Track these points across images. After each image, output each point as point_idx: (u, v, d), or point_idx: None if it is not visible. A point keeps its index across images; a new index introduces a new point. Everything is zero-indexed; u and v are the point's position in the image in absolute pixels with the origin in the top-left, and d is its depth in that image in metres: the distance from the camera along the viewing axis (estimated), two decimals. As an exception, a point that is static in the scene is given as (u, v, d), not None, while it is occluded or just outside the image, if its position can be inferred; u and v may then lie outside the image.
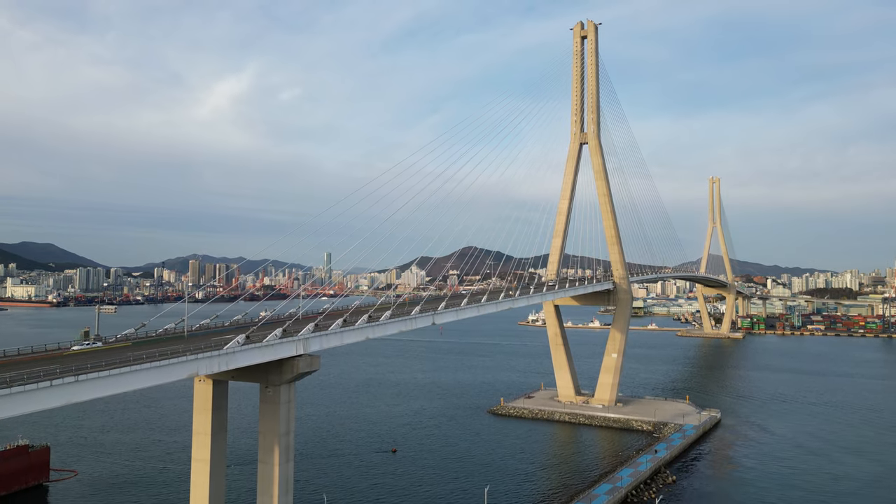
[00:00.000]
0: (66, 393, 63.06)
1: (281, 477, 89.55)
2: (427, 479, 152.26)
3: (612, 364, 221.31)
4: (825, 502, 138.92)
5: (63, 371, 63.53)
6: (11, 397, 58.62)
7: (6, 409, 58.53)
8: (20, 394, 59.28)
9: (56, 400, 62.48)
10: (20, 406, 59.77)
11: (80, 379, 64.29)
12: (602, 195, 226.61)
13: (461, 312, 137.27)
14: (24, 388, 59.36)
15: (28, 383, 59.96)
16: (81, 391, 64.51)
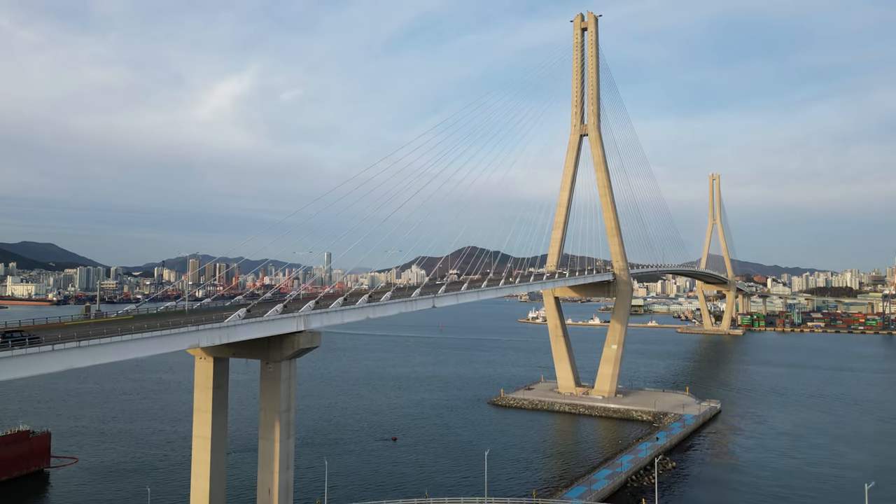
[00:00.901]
0: (67, 358, 63.18)
1: (282, 453, 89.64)
2: (427, 465, 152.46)
3: (612, 355, 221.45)
4: (824, 490, 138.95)
5: (65, 337, 63.67)
6: (13, 360, 58.77)
7: (7, 371, 58.68)
8: (21, 357, 59.43)
9: (57, 364, 62.61)
10: (21, 369, 59.91)
11: (82, 345, 64.43)
12: (602, 187, 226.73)
13: (461, 297, 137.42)
14: (25, 351, 59.51)
15: (29, 346, 60.10)
16: (83, 357, 64.62)
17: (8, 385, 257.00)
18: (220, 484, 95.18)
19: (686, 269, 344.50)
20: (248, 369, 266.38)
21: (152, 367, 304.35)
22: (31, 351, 59.93)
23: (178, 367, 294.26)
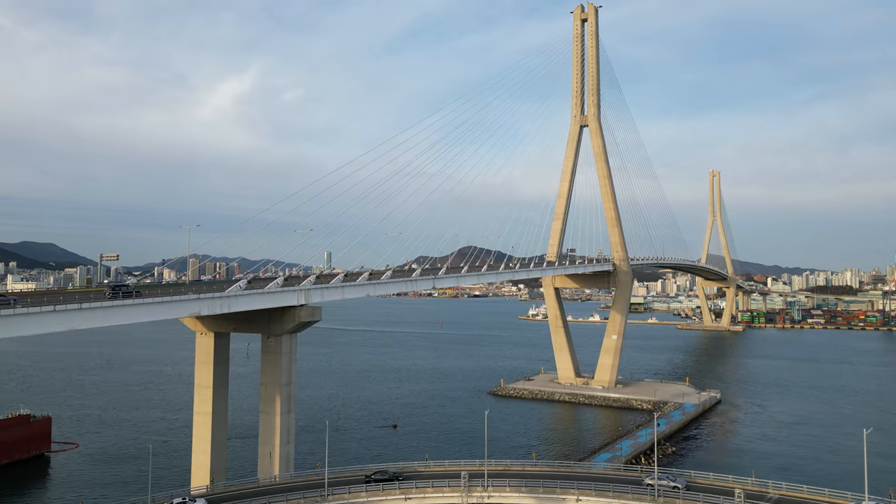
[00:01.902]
0: (68, 319, 63.31)
1: (282, 427, 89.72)
2: (427, 451, 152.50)
3: (612, 345, 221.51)
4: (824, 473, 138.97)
5: (67, 299, 63.83)
6: (15, 318, 58.87)
7: (8, 329, 58.76)
8: (23, 315, 59.53)
9: (58, 325, 62.74)
10: (22, 327, 60.03)
11: (84, 307, 64.56)
12: (602, 177, 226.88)
13: (462, 280, 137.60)
14: (27, 310, 59.63)
15: (31, 306, 60.25)
16: (84, 319, 64.73)
17: (9, 375, 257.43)
18: (221, 460, 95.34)
19: (686, 264, 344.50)
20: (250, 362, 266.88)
21: (153, 360, 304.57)
22: (32, 310, 60.06)
23: (179, 360, 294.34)
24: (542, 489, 62.74)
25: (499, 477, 65.32)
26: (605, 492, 61.94)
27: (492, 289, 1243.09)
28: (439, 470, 67.13)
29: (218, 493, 67.59)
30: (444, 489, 65.37)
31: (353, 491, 66.26)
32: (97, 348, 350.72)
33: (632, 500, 59.86)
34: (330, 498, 63.84)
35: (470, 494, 62.69)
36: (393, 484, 62.48)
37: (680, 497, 58.90)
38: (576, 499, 60.58)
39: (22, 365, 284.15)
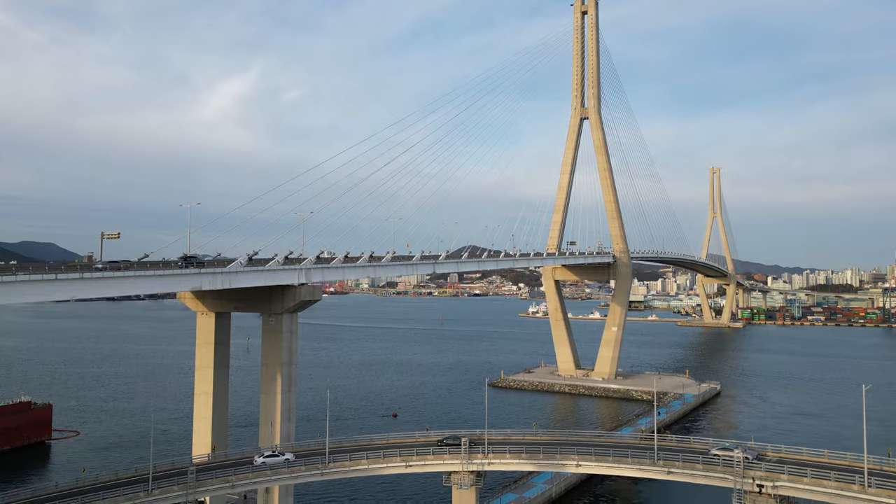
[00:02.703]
0: (70, 288, 63.43)
1: (283, 405, 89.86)
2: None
3: (612, 337, 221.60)
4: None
5: (68, 268, 63.97)
6: (16, 285, 59.03)
7: (10, 296, 58.92)
8: (25, 283, 59.69)
9: (59, 293, 62.86)
10: (24, 295, 60.19)
11: (85, 276, 64.70)
12: (602, 170, 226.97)
13: (462, 265, 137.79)
14: (29, 277, 59.80)
15: (33, 274, 60.41)
16: (85, 288, 64.86)
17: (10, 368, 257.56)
18: (222, 440, 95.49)
19: (686, 258, 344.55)
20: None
21: (154, 354, 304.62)
22: (34, 278, 60.23)
23: (181, 355, 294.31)
24: (542, 455, 62.93)
25: (499, 444, 65.48)
26: (604, 456, 62.12)
27: (492, 288, 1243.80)
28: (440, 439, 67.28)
29: (218, 462, 67.79)
30: (444, 456, 65.56)
31: (354, 458, 66.52)
32: (98, 344, 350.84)
33: (631, 465, 59.96)
34: (331, 465, 64.02)
35: (470, 461, 62.84)
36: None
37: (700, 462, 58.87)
38: (576, 464, 60.70)
39: (23, 359, 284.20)
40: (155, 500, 56.09)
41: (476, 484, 63.57)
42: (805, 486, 51.44)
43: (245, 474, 61.49)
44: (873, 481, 51.29)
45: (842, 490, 51.35)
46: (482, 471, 63.95)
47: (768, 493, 51.98)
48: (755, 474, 52.60)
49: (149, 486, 58.69)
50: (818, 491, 51.47)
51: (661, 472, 57.97)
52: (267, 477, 61.51)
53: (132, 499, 55.80)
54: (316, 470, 63.08)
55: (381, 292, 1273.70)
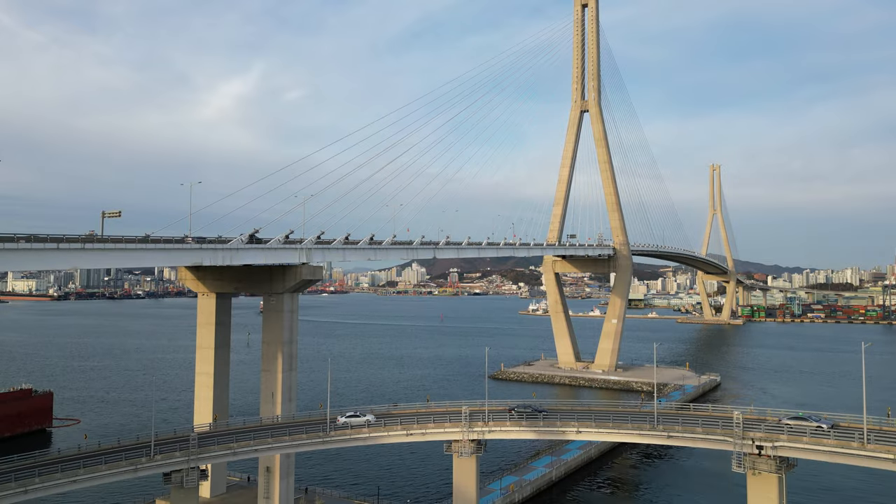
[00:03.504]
0: (71, 257, 63.66)
1: (284, 384, 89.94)
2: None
3: (612, 329, 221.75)
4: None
5: (70, 240, 64.14)
6: (18, 252, 59.21)
7: (13, 263, 59.11)
8: (26, 251, 59.87)
9: (61, 262, 63.06)
10: (25, 262, 60.39)
11: (87, 247, 64.91)
12: (602, 162, 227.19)
13: (462, 251, 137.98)
14: (30, 245, 60.00)
15: (35, 242, 60.59)
16: (87, 258, 65.09)
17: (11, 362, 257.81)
18: (223, 420, 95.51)
19: (687, 254, 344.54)
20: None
21: (155, 349, 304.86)
22: (36, 246, 60.44)
23: (182, 349, 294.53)
24: (543, 422, 63.09)
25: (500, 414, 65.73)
26: (605, 422, 62.29)
27: (492, 287, 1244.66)
28: (441, 410, 67.50)
29: (220, 431, 67.96)
30: (445, 424, 65.74)
31: (355, 426, 66.68)
32: (98, 339, 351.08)
33: (632, 430, 60.11)
34: (332, 434, 64.21)
35: (471, 429, 63.01)
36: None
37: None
38: (576, 430, 60.79)
39: (24, 353, 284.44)
40: (156, 465, 56.28)
41: (476, 452, 63.80)
42: (805, 446, 51.55)
43: (246, 441, 61.67)
44: (873, 437, 51.45)
45: (841, 447, 51.54)
46: (482, 439, 64.14)
47: (767, 455, 52.14)
48: (754, 435, 52.76)
49: (150, 451, 58.92)
50: (818, 449, 51.62)
51: (661, 437, 58.11)
52: (268, 444, 61.68)
53: (134, 463, 56.03)
54: (317, 438, 63.26)
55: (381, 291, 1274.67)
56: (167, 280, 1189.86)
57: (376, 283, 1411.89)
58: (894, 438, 50.40)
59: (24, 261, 60.38)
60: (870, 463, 50.91)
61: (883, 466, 50.14)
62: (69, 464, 56.91)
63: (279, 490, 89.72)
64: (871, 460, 50.57)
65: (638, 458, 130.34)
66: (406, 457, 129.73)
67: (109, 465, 56.65)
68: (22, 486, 51.42)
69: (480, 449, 64.10)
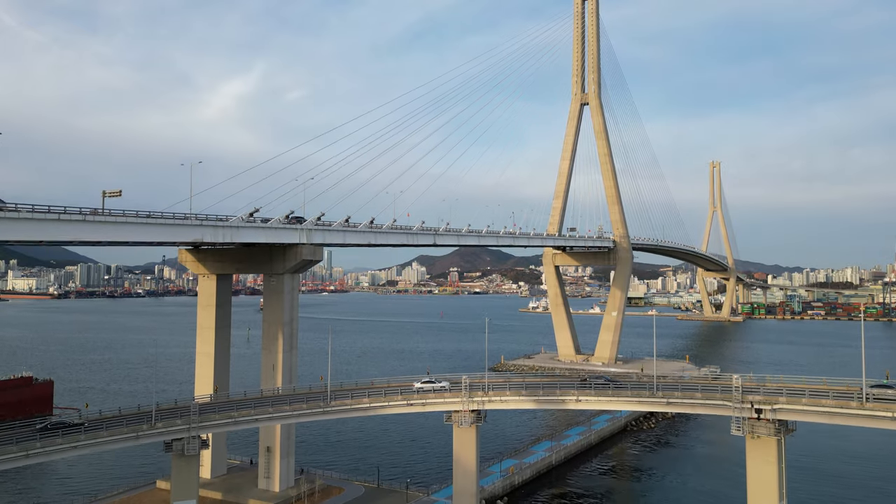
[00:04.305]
0: (73, 230, 63.81)
1: (285, 364, 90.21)
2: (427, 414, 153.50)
3: (612, 322, 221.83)
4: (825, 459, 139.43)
5: (70, 211, 64.32)
6: (18, 222, 59.37)
7: (12, 232, 59.23)
8: (27, 220, 60.05)
9: (62, 233, 63.16)
10: (25, 232, 60.46)
11: (88, 219, 65.10)
12: (602, 155, 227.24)
13: (462, 238, 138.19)
14: (31, 215, 60.19)
15: (36, 212, 60.79)
16: (88, 231, 65.20)
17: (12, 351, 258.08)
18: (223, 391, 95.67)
19: (687, 249, 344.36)
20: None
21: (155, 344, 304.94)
22: (37, 216, 60.63)
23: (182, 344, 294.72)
24: (542, 391, 63.28)
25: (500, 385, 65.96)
26: (604, 390, 62.52)
27: (492, 287, 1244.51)
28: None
29: (220, 402, 68.15)
30: (445, 395, 65.94)
31: (356, 397, 66.88)
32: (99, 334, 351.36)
33: (631, 397, 60.26)
34: (333, 403, 64.36)
35: (471, 400, 63.19)
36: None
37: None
38: (575, 399, 60.96)
39: (25, 347, 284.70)
40: (157, 432, 56.46)
41: (476, 422, 63.99)
42: (804, 407, 51.68)
43: (247, 410, 61.91)
44: (871, 396, 51.62)
45: (840, 408, 51.65)
46: (482, 409, 64.32)
47: (766, 419, 52.28)
48: (753, 399, 52.86)
49: (152, 418, 59.12)
50: (817, 410, 51.74)
51: (661, 404, 58.22)
52: (269, 413, 61.87)
53: (135, 430, 56.22)
54: (318, 408, 63.39)
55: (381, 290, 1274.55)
56: (167, 279, 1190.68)
57: (376, 282, 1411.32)
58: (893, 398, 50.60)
59: (25, 231, 60.46)
60: (869, 422, 51.08)
61: (882, 425, 50.30)
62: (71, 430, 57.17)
63: (279, 470, 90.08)
64: (871, 419, 50.72)
65: (637, 444, 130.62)
66: (406, 444, 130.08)
67: (111, 430, 56.87)
68: (23, 449, 51.61)
69: (480, 419, 64.31)
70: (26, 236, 60.87)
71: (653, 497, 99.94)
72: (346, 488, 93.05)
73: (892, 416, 49.28)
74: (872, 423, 51.12)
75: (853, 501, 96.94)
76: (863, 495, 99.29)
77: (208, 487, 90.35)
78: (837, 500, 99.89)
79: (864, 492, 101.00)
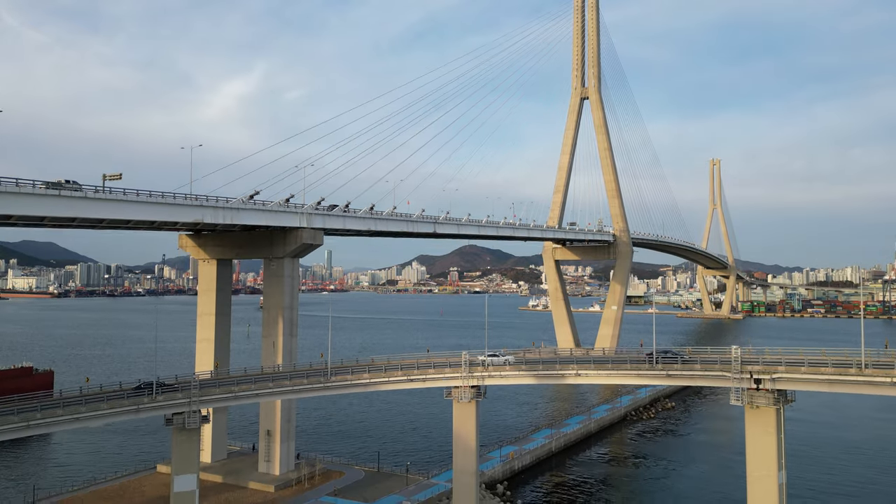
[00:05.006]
0: (72, 206, 63.83)
1: (285, 348, 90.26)
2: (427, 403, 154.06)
3: (612, 316, 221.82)
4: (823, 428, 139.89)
5: (72, 187, 64.40)
6: (19, 197, 59.44)
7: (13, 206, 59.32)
8: (28, 195, 60.13)
9: (62, 209, 63.16)
10: (26, 207, 60.54)
11: (89, 196, 65.18)
12: (602, 149, 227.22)
13: (462, 227, 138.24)
14: (32, 189, 60.28)
15: (37, 188, 60.88)
16: (86, 208, 65.21)
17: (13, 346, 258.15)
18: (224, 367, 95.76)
19: (687, 245, 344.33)
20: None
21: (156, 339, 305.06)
22: (37, 191, 60.72)
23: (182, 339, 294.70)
24: (542, 366, 63.40)
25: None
26: (604, 364, 62.59)
27: (492, 286, 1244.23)
28: (441, 360, 67.89)
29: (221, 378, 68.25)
30: (445, 370, 66.08)
31: (356, 372, 66.98)
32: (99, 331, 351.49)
33: (630, 370, 60.41)
34: (333, 379, 64.47)
35: (471, 375, 63.31)
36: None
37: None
38: (575, 373, 61.08)
39: (26, 342, 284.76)
40: (158, 405, 56.52)
41: (476, 398, 64.11)
42: (803, 376, 51.76)
43: (247, 385, 61.95)
44: (870, 363, 51.69)
45: (839, 375, 51.73)
46: (482, 385, 64.44)
47: (766, 388, 52.37)
48: (752, 368, 52.99)
49: (153, 392, 59.19)
50: (816, 378, 51.78)
51: (661, 376, 58.31)
52: (269, 389, 61.94)
53: (136, 403, 56.33)
54: (318, 384, 63.50)
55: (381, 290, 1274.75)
56: (167, 279, 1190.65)
57: (376, 281, 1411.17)
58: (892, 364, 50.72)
59: (25, 206, 60.51)
60: (868, 389, 51.16)
61: (881, 392, 50.37)
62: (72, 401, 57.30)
63: (279, 453, 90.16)
64: (870, 386, 50.78)
65: (636, 433, 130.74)
66: (407, 433, 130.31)
67: (111, 402, 56.96)
68: (24, 419, 51.67)
69: (480, 395, 64.43)
70: (27, 211, 60.88)
71: (651, 483, 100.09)
72: (347, 472, 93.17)
73: (891, 381, 49.39)
74: (872, 389, 51.24)
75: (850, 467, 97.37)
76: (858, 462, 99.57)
77: (209, 471, 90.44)
78: (836, 470, 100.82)
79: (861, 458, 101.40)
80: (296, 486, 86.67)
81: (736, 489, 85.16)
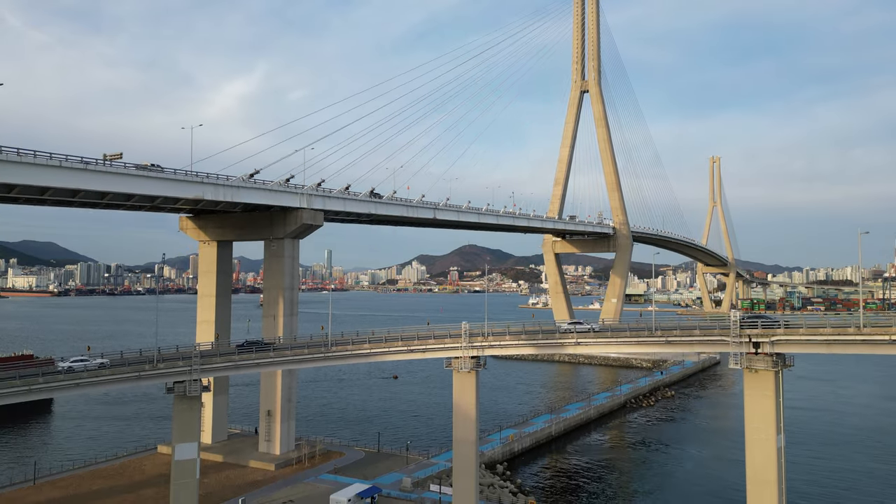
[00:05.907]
0: (73, 177, 64.06)
1: (286, 329, 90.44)
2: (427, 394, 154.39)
3: (611, 308, 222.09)
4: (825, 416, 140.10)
5: (72, 159, 64.60)
6: (21, 166, 59.67)
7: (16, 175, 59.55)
8: (30, 165, 60.34)
9: (63, 180, 63.40)
10: (28, 177, 60.78)
11: (89, 168, 65.39)
12: (602, 141, 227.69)
13: (462, 215, 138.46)
14: (34, 159, 60.49)
15: (39, 157, 61.09)
16: (89, 180, 65.47)
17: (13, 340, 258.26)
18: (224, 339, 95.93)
19: (687, 241, 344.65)
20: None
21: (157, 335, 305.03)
22: (39, 160, 60.94)
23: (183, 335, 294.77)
24: (542, 335, 63.64)
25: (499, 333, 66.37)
26: (603, 333, 62.78)
27: (492, 286, 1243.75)
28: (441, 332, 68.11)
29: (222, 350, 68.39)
30: (445, 340, 66.30)
31: (357, 343, 67.26)
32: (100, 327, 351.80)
33: (630, 338, 60.57)
34: (334, 349, 64.71)
35: (471, 346, 63.53)
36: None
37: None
38: (575, 342, 61.30)
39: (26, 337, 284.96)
40: (159, 373, 56.71)
41: (476, 368, 64.33)
42: (801, 337, 51.93)
43: (248, 354, 62.18)
44: (869, 322, 51.90)
45: (838, 335, 51.95)
46: (482, 356, 64.67)
47: (764, 352, 52.56)
48: (751, 332, 53.20)
49: (154, 360, 59.36)
50: (815, 340, 51.93)
51: (660, 343, 58.47)
52: (270, 359, 62.16)
53: (137, 370, 56.52)
54: (319, 354, 63.72)
55: (381, 289, 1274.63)
56: (167, 278, 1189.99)
57: (376, 281, 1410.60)
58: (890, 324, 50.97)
59: (27, 175, 60.76)
60: (867, 348, 51.30)
61: (879, 351, 50.55)
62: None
63: (280, 433, 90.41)
64: (868, 345, 50.92)
65: (636, 419, 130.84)
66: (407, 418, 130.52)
67: (113, 370, 57.14)
68: (26, 384, 51.86)
69: (480, 365, 64.63)
70: (29, 181, 61.12)
71: (649, 466, 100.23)
72: (347, 453, 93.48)
73: (889, 339, 49.61)
74: (870, 348, 51.40)
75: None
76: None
77: (209, 451, 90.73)
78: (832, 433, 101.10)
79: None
80: (296, 465, 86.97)
81: (732, 473, 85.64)
